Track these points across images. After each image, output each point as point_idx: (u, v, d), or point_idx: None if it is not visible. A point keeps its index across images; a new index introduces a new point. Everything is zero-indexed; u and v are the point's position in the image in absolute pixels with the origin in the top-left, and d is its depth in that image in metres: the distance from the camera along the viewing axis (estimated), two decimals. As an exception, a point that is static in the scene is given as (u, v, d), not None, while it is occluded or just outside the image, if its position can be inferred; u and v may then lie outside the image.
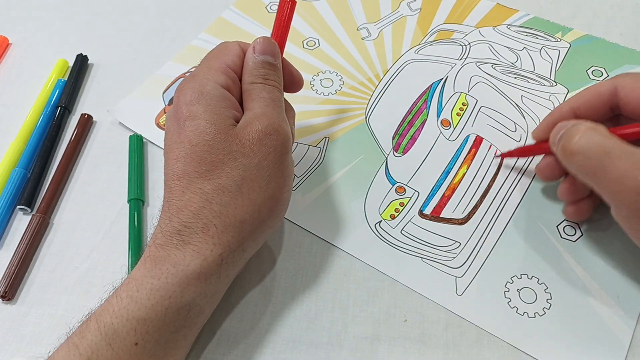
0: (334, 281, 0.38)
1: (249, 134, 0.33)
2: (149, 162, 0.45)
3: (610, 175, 0.30)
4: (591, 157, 0.31)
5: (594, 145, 0.31)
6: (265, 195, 0.33)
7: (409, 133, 0.44)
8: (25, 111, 0.48)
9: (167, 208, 0.32)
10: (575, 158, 0.32)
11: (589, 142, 0.32)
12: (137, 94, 0.49)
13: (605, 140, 0.31)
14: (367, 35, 0.52)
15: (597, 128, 0.32)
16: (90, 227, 0.42)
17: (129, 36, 0.54)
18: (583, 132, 0.32)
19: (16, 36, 0.55)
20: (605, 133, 0.32)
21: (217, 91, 0.34)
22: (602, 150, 0.31)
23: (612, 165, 0.30)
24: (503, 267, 0.37)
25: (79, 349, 0.29)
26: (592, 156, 0.31)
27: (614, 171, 0.30)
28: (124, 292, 0.30)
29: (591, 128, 0.32)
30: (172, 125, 0.34)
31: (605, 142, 0.31)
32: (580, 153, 0.32)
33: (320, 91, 0.48)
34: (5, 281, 0.38)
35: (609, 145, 0.31)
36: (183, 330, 0.31)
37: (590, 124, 0.33)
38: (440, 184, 0.41)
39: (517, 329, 0.35)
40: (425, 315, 0.36)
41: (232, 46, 0.37)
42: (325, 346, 0.35)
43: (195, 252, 0.31)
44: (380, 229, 0.40)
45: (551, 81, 0.47)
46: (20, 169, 0.44)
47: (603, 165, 0.31)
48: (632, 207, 0.30)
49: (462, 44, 0.50)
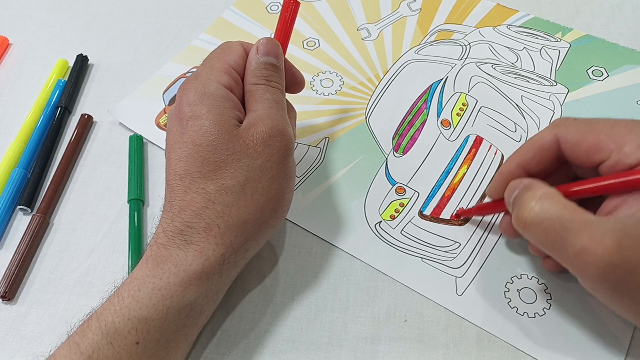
0: (334, 281, 0.38)
1: (252, 135, 0.33)
2: (149, 162, 0.45)
3: (569, 251, 0.28)
4: (547, 231, 0.29)
5: (549, 217, 0.29)
6: (268, 196, 0.33)
7: (409, 133, 0.45)
8: (25, 111, 0.48)
9: (169, 208, 0.32)
10: (530, 230, 0.30)
11: (543, 213, 0.29)
12: (137, 94, 0.49)
13: (561, 211, 0.29)
14: (367, 35, 0.52)
15: (551, 196, 0.30)
16: (90, 227, 0.42)
17: (129, 36, 0.54)
18: (537, 200, 0.30)
19: (16, 36, 0.55)
20: (560, 201, 0.29)
21: (220, 92, 0.34)
22: (559, 222, 0.28)
23: (571, 240, 0.28)
24: (503, 267, 0.37)
25: (80, 347, 0.29)
26: (548, 229, 0.29)
27: (572, 246, 0.28)
28: (125, 291, 0.30)
29: (544, 195, 0.30)
30: (174, 125, 0.34)
31: (562, 214, 0.29)
32: (535, 224, 0.29)
33: (320, 91, 0.48)
34: (5, 281, 0.38)
35: (566, 218, 0.28)
36: (184, 329, 0.31)
37: (544, 192, 0.30)
38: (440, 184, 0.41)
39: (517, 329, 0.35)
40: (425, 315, 0.36)
41: (234, 46, 0.37)
42: (325, 346, 0.35)
43: (197, 252, 0.31)
44: (380, 229, 0.40)
45: (551, 81, 0.47)
46: (20, 169, 0.44)
47: (561, 239, 0.28)
48: (597, 282, 0.28)
49: (462, 44, 0.50)
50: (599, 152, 0.31)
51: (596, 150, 0.31)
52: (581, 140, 0.31)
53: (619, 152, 0.30)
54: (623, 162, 0.30)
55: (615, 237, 0.27)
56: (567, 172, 0.35)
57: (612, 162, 0.30)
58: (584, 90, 0.46)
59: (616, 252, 0.26)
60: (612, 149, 0.30)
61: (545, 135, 0.33)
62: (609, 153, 0.30)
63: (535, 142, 0.34)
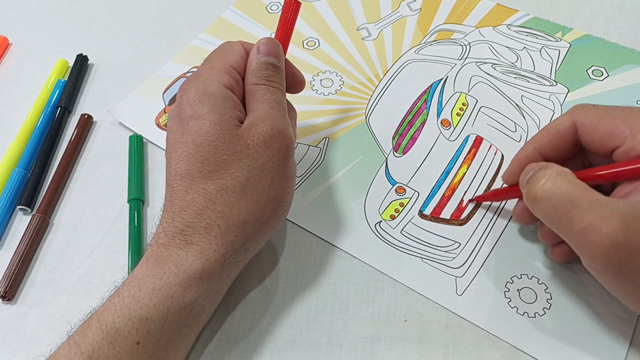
0: (334, 281, 0.38)
1: (254, 135, 0.33)
2: (149, 162, 0.45)
3: (576, 227, 0.28)
4: (556, 205, 0.29)
5: (558, 192, 0.29)
6: (269, 196, 0.33)
7: (409, 133, 0.45)
8: (25, 111, 0.48)
9: (170, 208, 0.32)
10: (540, 204, 0.30)
11: (553, 189, 0.30)
12: (137, 94, 0.49)
13: (571, 188, 0.29)
14: (367, 35, 0.52)
15: (564, 174, 0.30)
16: (90, 227, 0.42)
17: (129, 36, 0.54)
18: (549, 177, 0.30)
19: (16, 36, 0.55)
20: (573, 180, 0.30)
21: (221, 92, 0.34)
22: (568, 198, 0.29)
23: (578, 217, 0.28)
24: (503, 267, 0.37)
25: (81, 347, 0.29)
26: (557, 204, 0.29)
27: (579, 223, 0.28)
28: (125, 291, 0.30)
29: (558, 173, 0.30)
30: (174, 125, 0.34)
31: (572, 190, 0.29)
32: (545, 199, 0.30)
33: (320, 91, 0.48)
34: (5, 281, 0.38)
35: (576, 194, 0.29)
36: (184, 329, 0.31)
37: (557, 169, 0.31)
38: (440, 184, 0.41)
39: (517, 329, 0.35)
40: (425, 315, 0.36)
41: (235, 46, 0.37)
42: (325, 346, 0.35)
43: (198, 252, 0.31)
44: (380, 229, 0.40)
45: (551, 81, 0.47)
46: (20, 169, 0.44)
47: (568, 215, 0.29)
48: (599, 261, 0.28)
49: (462, 44, 0.50)
50: (613, 137, 0.31)
51: (611, 136, 0.31)
52: (597, 126, 0.32)
53: (634, 139, 0.30)
54: (637, 149, 0.30)
55: (623, 218, 0.27)
56: (582, 160, 0.35)
57: (626, 149, 0.31)
58: (584, 90, 0.46)
59: (622, 232, 0.27)
60: (627, 136, 0.30)
61: (563, 121, 0.34)
62: (624, 139, 0.31)
63: (552, 127, 0.34)
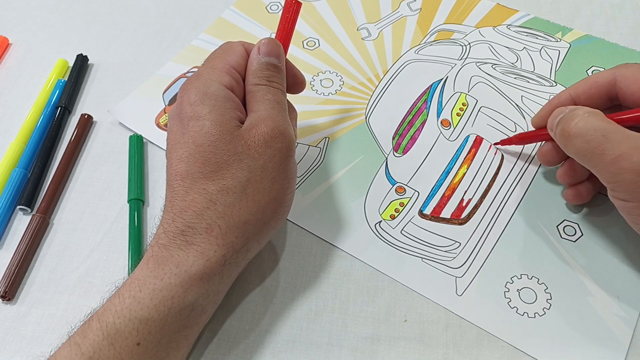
0: (334, 281, 0.38)
1: (254, 135, 0.33)
2: (149, 162, 0.45)
3: (607, 158, 0.31)
4: (589, 140, 0.32)
5: (592, 128, 0.32)
6: (270, 197, 0.33)
7: (409, 133, 0.45)
8: (25, 111, 0.48)
9: (170, 208, 0.32)
10: (573, 140, 0.33)
11: (587, 125, 0.32)
12: (137, 94, 0.49)
13: (603, 123, 0.32)
14: (367, 35, 0.52)
15: (595, 113, 0.33)
16: (90, 227, 0.42)
17: (129, 36, 0.54)
18: (581, 116, 0.33)
19: (16, 36, 0.55)
20: (603, 118, 0.33)
21: (221, 92, 0.34)
22: (600, 133, 0.32)
23: (610, 148, 0.31)
24: (503, 267, 0.37)
25: (81, 348, 0.29)
26: (590, 139, 0.32)
27: (611, 153, 0.31)
28: (126, 292, 0.30)
29: (590, 112, 0.33)
30: (175, 126, 0.34)
31: (604, 126, 0.32)
32: (579, 135, 0.33)
33: (320, 91, 0.48)
34: (5, 281, 0.38)
35: (607, 129, 0.32)
36: (185, 330, 0.31)
37: (588, 109, 0.34)
38: (440, 184, 0.42)
39: (517, 329, 0.35)
40: (425, 315, 0.36)
41: (235, 46, 0.37)
42: (325, 346, 0.35)
43: (198, 252, 0.31)
44: (380, 229, 0.40)
45: (551, 81, 0.47)
46: (20, 169, 0.44)
47: (601, 147, 0.31)
48: (628, 189, 0.31)
49: (462, 44, 0.50)
50: None
51: None
52: (637, 78, 0.35)
53: None
54: None
55: None
56: None
57: None
58: (583, 90, 0.46)
59: None
60: None
61: (603, 73, 0.36)
62: None
63: (591, 78, 0.37)
